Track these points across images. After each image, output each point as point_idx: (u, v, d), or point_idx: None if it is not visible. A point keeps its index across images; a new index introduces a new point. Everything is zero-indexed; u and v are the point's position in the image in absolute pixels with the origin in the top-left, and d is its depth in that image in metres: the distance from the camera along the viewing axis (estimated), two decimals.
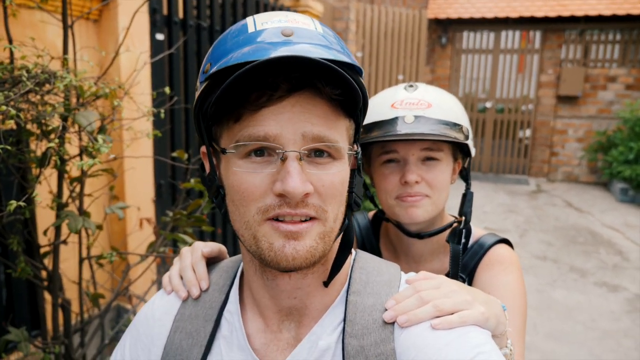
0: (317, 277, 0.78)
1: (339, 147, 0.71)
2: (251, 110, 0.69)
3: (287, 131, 0.68)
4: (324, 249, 0.72)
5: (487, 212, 7.21)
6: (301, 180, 0.67)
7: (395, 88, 1.27)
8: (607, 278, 4.99)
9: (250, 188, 0.70)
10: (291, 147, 0.68)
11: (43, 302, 1.96)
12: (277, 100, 0.68)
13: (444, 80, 9.79)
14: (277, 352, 0.79)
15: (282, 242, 0.70)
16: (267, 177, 0.69)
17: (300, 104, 0.69)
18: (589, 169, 9.21)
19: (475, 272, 1.21)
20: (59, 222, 1.55)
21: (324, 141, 0.69)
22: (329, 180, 0.71)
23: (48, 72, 1.35)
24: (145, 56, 2.59)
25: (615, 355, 3.61)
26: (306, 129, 0.68)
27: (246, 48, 0.69)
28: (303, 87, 0.69)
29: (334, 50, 0.70)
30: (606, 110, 8.95)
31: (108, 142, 1.60)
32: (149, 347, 0.85)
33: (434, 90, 1.24)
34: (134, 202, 2.75)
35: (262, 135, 0.68)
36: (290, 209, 0.69)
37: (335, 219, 0.73)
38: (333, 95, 0.69)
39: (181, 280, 0.89)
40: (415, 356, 0.70)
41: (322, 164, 0.71)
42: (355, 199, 0.78)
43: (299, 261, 0.70)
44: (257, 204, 0.70)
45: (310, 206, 0.70)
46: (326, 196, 0.71)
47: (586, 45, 8.95)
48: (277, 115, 0.68)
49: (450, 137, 1.14)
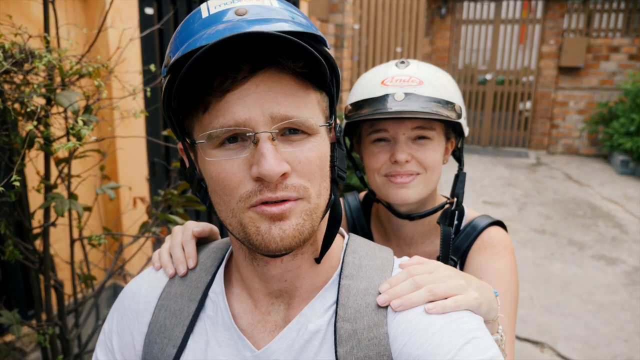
0: (307, 257, 0.78)
1: (311, 124, 0.69)
2: (217, 97, 0.67)
3: (255, 113, 0.66)
4: (312, 226, 0.71)
5: (486, 186, 7.20)
6: (276, 160, 0.66)
7: (387, 64, 1.22)
8: (605, 251, 5.00)
9: (228, 176, 0.69)
10: (262, 128, 0.67)
11: (37, 284, 1.96)
12: (241, 82, 0.66)
13: (444, 51, 9.64)
14: (265, 333, 0.79)
15: (268, 224, 0.69)
16: (243, 162, 0.68)
17: (264, 82, 0.67)
18: (590, 141, 9.16)
19: (467, 254, 1.19)
20: (46, 204, 1.53)
21: (293, 119, 0.68)
22: (305, 157, 0.69)
23: (26, 50, 1.30)
24: (134, 32, 2.52)
25: (611, 328, 3.64)
26: (273, 109, 0.67)
27: (204, 32, 0.66)
28: (266, 65, 0.67)
29: (292, 22, 0.68)
30: (608, 82, 8.84)
31: (94, 123, 1.56)
32: (133, 323, 0.85)
33: (427, 66, 1.20)
34: (127, 182, 2.73)
35: (232, 123, 0.67)
36: (270, 193, 0.67)
37: (318, 195, 0.72)
38: (297, 68, 0.67)
39: (170, 257, 0.89)
40: (408, 340, 0.70)
41: (296, 141, 0.69)
42: (338, 172, 0.76)
43: (287, 241, 0.69)
44: (238, 191, 0.69)
45: (290, 188, 0.68)
46: (305, 173, 0.69)
47: (589, 14, 8.78)
48: (243, 99, 0.66)
49: (442, 116, 1.10)
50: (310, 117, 0.69)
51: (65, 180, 1.73)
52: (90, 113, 1.61)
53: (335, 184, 0.77)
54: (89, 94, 1.56)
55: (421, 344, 0.68)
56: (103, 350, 0.88)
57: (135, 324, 0.85)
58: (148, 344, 0.83)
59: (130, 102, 2.17)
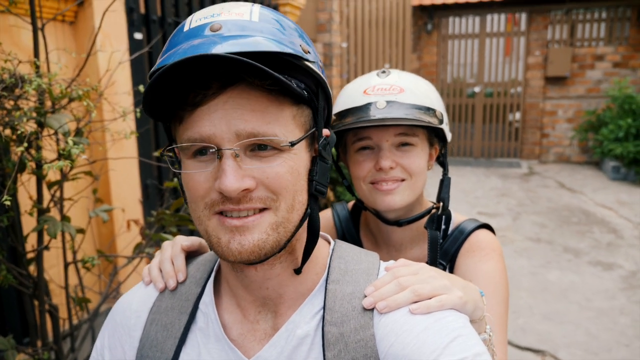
0: (286, 266, 0.78)
1: (278, 141, 0.69)
2: (189, 111, 0.69)
3: (221, 129, 0.68)
4: (277, 240, 0.72)
5: (479, 197, 7.23)
6: (236, 177, 0.67)
7: (369, 75, 1.25)
8: (601, 257, 5.01)
9: (195, 186, 0.71)
10: (226, 145, 0.68)
11: (31, 309, 1.94)
12: (210, 98, 0.68)
13: (432, 67, 9.77)
14: (255, 342, 0.79)
15: (228, 237, 0.70)
16: (209, 175, 0.70)
17: (233, 99, 0.68)
18: (580, 148, 9.24)
19: (456, 258, 1.20)
20: (38, 227, 1.53)
21: (259, 136, 0.68)
22: (274, 173, 0.70)
23: (16, 76, 1.33)
24: (123, 56, 2.55)
25: (611, 333, 3.63)
26: (239, 126, 0.67)
27: (175, 49, 0.69)
28: (235, 82, 0.68)
29: (267, 38, 0.68)
30: (595, 89, 8.97)
31: (85, 145, 1.58)
32: (125, 338, 0.86)
33: (407, 75, 1.23)
34: (121, 204, 2.73)
35: (198, 137, 0.69)
36: (233, 205, 0.69)
37: (290, 209, 0.72)
38: (266, 86, 0.68)
39: (160, 272, 0.89)
40: (394, 341, 0.70)
41: (266, 156, 0.70)
42: (316, 186, 0.76)
43: (245, 255, 0.70)
44: (203, 199, 0.71)
45: (256, 199, 0.70)
46: (274, 188, 0.70)
47: (572, 24, 8.95)
48: (211, 114, 0.68)
49: (423, 122, 1.12)
50: (280, 134, 0.69)
51: (57, 204, 1.74)
52: (81, 135, 1.63)
53: (314, 198, 0.77)
54: (79, 117, 1.58)
55: (407, 344, 0.69)
56: None
57: (126, 339, 0.85)
58: (140, 358, 0.83)
59: (121, 124, 2.19)
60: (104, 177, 2.63)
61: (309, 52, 0.73)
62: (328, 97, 0.78)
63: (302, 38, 0.75)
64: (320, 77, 0.73)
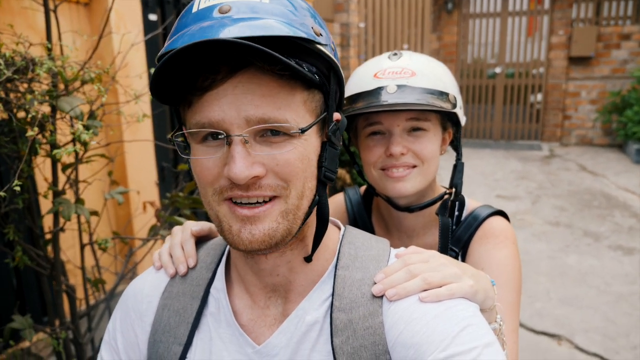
0: (297, 253, 0.78)
1: (289, 127, 0.68)
2: (198, 95, 0.68)
3: (230, 115, 0.66)
4: (288, 228, 0.71)
5: (499, 180, 7.13)
6: (245, 164, 0.66)
7: (380, 57, 1.22)
8: (622, 241, 4.92)
9: (204, 171, 0.70)
10: (235, 131, 0.66)
11: (49, 289, 1.99)
12: (220, 82, 0.66)
13: (452, 47, 9.58)
14: (265, 328, 0.79)
15: (239, 225, 0.70)
16: (218, 160, 0.69)
17: (242, 84, 0.66)
18: (603, 130, 9.01)
19: (469, 245, 1.18)
20: (53, 209, 1.55)
21: (270, 122, 0.67)
22: (284, 159, 0.68)
23: (27, 58, 1.33)
24: (137, 37, 2.54)
25: (629, 318, 3.58)
26: (249, 111, 0.66)
27: (183, 31, 0.67)
28: (244, 66, 0.66)
29: (278, 21, 0.65)
30: (620, 70, 8.69)
31: (99, 128, 1.58)
32: (137, 322, 0.86)
33: (420, 57, 1.19)
34: (137, 186, 2.76)
35: (206, 122, 0.67)
36: (242, 192, 0.68)
37: (300, 196, 0.71)
38: (277, 71, 0.66)
39: (170, 257, 0.89)
40: (403, 329, 0.70)
41: (276, 142, 0.68)
42: (325, 173, 0.74)
43: (256, 244, 0.69)
44: (213, 185, 0.70)
45: (266, 187, 0.68)
46: (284, 174, 0.69)
47: (598, 2, 8.64)
48: (220, 99, 0.66)
49: (435, 107, 1.09)
50: (291, 119, 0.68)
51: (73, 186, 1.75)
52: (94, 118, 1.63)
53: (323, 185, 0.75)
54: (92, 100, 1.58)
55: (416, 332, 0.68)
56: (108, 351, 0.89)
57: (138, 323, 0.86)
58: (153, 343, 0.83)
59: (134, 107, 2.19)
60: (119, 159, 2.65)
61: (321, 35, 0.70)
62: (340, 81, 0.75)
63: (315, 19, 0.72)
64: (332, 60, 0.71)
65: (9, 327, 1.65)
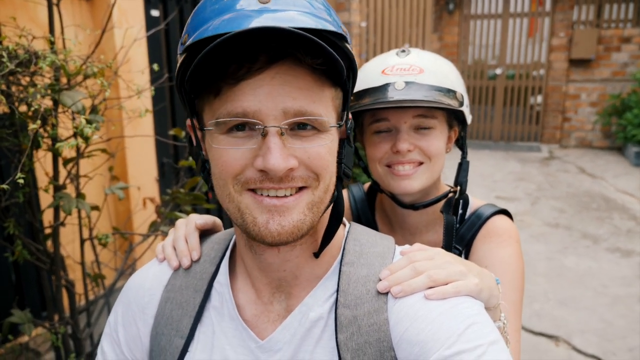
0: (306, 248, 0.78)
1: (323, 121, 0.69)
2: (230, 84, 0.66)
3: (267, 106, 0.66)
4: (313, 220, 0.71)
5: (498, 181, 7.13)
6: (282, 156, 0.65)
7: (387, 54, 1.22)
8: (620, 244, 4.93)
9: (229, 161, 0.68)
10: (272, 122, 0.66)
11: (49, 284, 1.98)
12: (256, 72, 0.65)
13: (453, 47, 9.57)
14: (268, 323, 0.79)
15: (266, 217, 0.68)
16: (248, 152, 0.68)
17: (280, 75, 0.66)
18: (603, 133, 9.02)
19: (472, 243, 1.18)
20: (54, 204, 1.54)
21: (306, 115, 0.67)
22: (315, 152, 0.69)
23: (30, 52, 1.32)
24: (139, 33, 2.54)
25: (626, 320, 3.58)
26: (287, 103, 0.66)
27: (223, 17, 0.65)
28: (283, 57, 0.65)
29: (316, 17, 0.66)
30: (620, 73, 8.70)
31: (101, 123, 1.58)
32: (139, 315, 0.86)
33: (428, 55, 1.19)
34: (137, 182, 2.75)
35: (240, 112, 0.66)
36: (273, 184, 0.67)
37: (326, 190, 0.72)
38: (315, 65, 0.66)
39: (174, 250, 0.89)
40: (409, 327, 0.70)
41: (306, 136, 0.69)
42: (344, 169, 0.76)
43: (284, 236, 0.69)
44: (236, 177, 0.69)
45: (297, 178, 0.68)
46: (314, 167, 0.69)
47: (599, 5, 8.65)
48: (256, 89, 0.65)
49: (443, 104, 1.09)
50: (324, 114, 0.69)
51: (73, 181, 1.75)
52: (96, 113, 1.62)
53: (340, 181, 0.76)
54: (94, 94, 1.58)
55: (421, 330, 0.68)
56: (109, 343, 0.89)
57: (140, 316, 0.86)
58: (155, 336, 0.83)
59: (136, 102, 2.19)
60: (120, 154, 2.64)
61: (347, 34, 0.72)
62: (354, 81, 0.76)
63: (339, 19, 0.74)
64: (354, 60, 0.72)
65: (7, 322, 1.65)
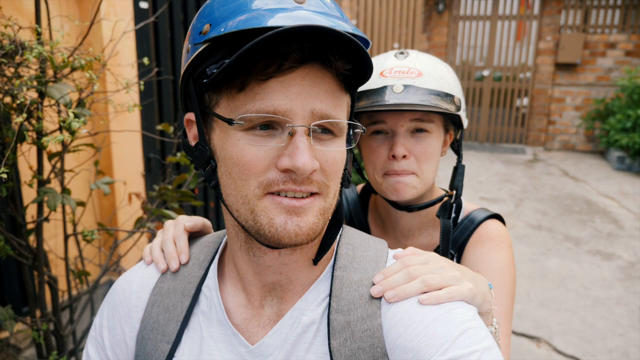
0: (304, 252, 0.77)
1: (343, 125, 0.70)
2: (259, 80, 0.65)
3: (297, 106, 0.65)
4: (323, 225, 0.71)
5: (483, 182, 7.20)
6: (310, 156, 0.65)
7: (386, 55, 1.21)
8: (601, 246, 5.01)
9: (252, 161, 0.67)
10: (300, 122, 0.66)
11: (31, 280, 1.94)
12: (288, 71, 0.65)
13: (441, 48, 9.62)
14: (259, 328, 0.78)
15: (284, 217, 0.67)
16: (271, 151, 0.67)
17: (310, 77, 0.66)
18: (586, 137, 9.16)
19: (464, 247, 1.18)
20: (38, 199, 1.51)
21: (332, 118, 0.68)
22: (332, 157, 0.69)
23: (16, 42, 1.28)
24: (128, 25, 2.49)
25: (607, 322, 3.64)
26: (315, 105, 0.66)
27: (254, 13, 0.64)
28: (313, 59, 0.66)
29: (348, 23, 0.68)
30: (605, 78, 8.84)
31: (88, 117, 1.54)
32: (125, 319, 0.84)
33: (426, 57, 1.18)
34: (123, 177, 2.71)
35: (271, 110, 0.65)
36: (295, 186, 0.67)
37: (334, 196, 0.72)
38: (343, 69, 0.67)
39: (162, 252, 0.87)
40: (402, 332, 0.69)
41: (324, 140, 0.69)
42: (347, 176, 0.77)
43: (301, 237, 0.68)
44: (258, 178, 0.67)
45: (315, 183, 0.68)
46: (329, 172, 0.69)
47: (586, 10, 8.76)
48: (287, 88, 0.65)
49: (440, 108, 1.08)
50: (343, 119, 0.70)
51: (58, 175, 1.71)
52: (83, 106, 1.59)
53: (341, 186, 0.76)
54: (81, 87, 1.54)
55: (415, 336, 0.68)
56: (94, 347, 0.87)
57: (126, 320, 0.84)
58: (141, 340, 0.81)
59: (124, 96, 2.15)
60: (106, 149, 2.60)
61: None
62: None
63: None
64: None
65: None
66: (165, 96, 3.20)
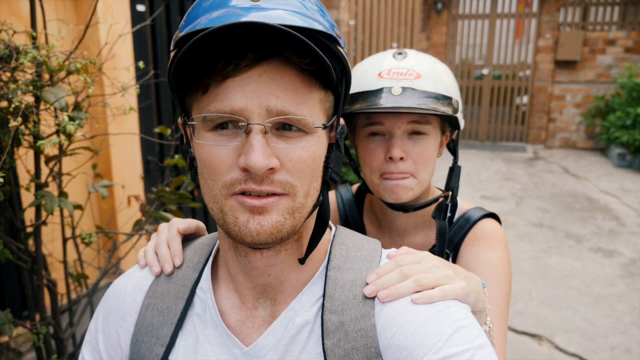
0: (291, 253, 0.77)
1: (307, 122, 0.68)
2: (217, 80, 0.66)
3: (252, 104, 0.65)
4: (293, 225, 0.70)
5: (483, 180, 7.19)
6: (264, 154, 0.65)
7: (383, 55, 1.19)
8: (602, 244, 5.00)
9: (216, 161, 0.68)
10: (255, 120, 0.65)
11: (30, 283, 1.94)
12: (244, 70, 0.65)
13: (440, 47, 9.62)
14: (253, 329, 0.78)
15: (247, 216, 0.68)
16: (232, 150, 0.67)
17: (267, 74, 0.65)
18: (587, 134, 9.14)
19: (460, 247, 1.18)
20: (36, 202, 1.51)
21: (289, 115, 0.66)
22: (297, 155, 0.68)
23: (11, 46, 1.29)
24: (124, 28, 2.50)
25: (608, 319, 3.64)
26: (271, 102, 0.65)
27: (214, 13, 0.65)
28: (271, 56, 0.65)
29: (306, 17, 0.66)
30: (605, 75, 8.82)
31: (85, 120, 1.55)
32: (119, 322, 0.84)
33: (425, 58, 1.17)
34: (122, 180, 2.71)
35: (228, 110, 0.66)
36: (255, 185, 0.67)
37: (306, 195, 0.71)
38: (302, 64, 0.66)
39: (156, 255, 0.87)
40: (396, 332, 0.69)
41: (291, 137, 0.68)
42: (331, 175, 0.75)
43: (263, 236, 0.68)
44: (223, 178, 0.68)
45: (276, 183, 0.67)
46: (294, 171, 0.68)
47: (585, 7, 8.75)
48: (243, 87, 0.65)
49: (438, 111, 1.08)
50: (308, 116, 0.68)
51: (56, 179, 1.71)
52: (79, 110, 1.59)
53: (327, 186, 0.76)
54: (77, 91, 1.55)
55: (409, 335, 0.68)
56: (89, 350, 0.87)
57: (121, 323, 0.84)
58: (135, 343, 0.81)
59: (121, 99, 2.15)
60: (104, 152, 2.60)
61: (340, 37, 0.72)
62: (348, 86, 0.76)
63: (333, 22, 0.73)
64: (347, 64, 0.71)
65: None
66: (163, 99, 3.20)
